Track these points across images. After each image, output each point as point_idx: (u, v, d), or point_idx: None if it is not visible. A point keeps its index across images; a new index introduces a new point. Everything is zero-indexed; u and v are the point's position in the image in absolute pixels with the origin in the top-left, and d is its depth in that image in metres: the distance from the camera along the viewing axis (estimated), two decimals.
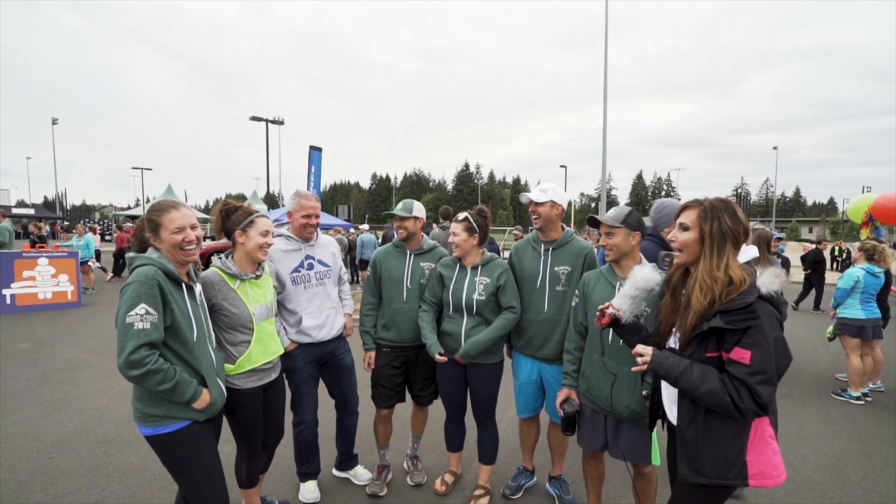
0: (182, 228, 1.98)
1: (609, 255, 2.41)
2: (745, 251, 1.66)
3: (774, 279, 1.58)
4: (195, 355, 1.97)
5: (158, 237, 1.96)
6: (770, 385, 1.51)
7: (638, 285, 1.90)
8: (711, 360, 1.61)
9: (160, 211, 1.98)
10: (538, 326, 2.83)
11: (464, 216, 2.88)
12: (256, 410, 2.46)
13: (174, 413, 1.91)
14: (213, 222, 2.48)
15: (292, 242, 2.94)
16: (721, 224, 1.64)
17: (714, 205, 1.68)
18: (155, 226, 1.96)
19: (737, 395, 1.52)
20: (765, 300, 1.56)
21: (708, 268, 1.62)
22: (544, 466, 3.41)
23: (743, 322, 1.53)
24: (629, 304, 1.92)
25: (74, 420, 4.21)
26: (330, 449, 3.48)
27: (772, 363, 1.50)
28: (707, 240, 1.65)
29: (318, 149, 11.96)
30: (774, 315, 1.56)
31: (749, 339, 1.52)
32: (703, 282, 1.61)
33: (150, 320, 1.79)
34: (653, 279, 1.90)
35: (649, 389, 2.29)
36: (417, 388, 3.18)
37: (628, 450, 2.40)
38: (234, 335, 2.34)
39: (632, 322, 1.97)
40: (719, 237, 1.64)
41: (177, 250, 1.98)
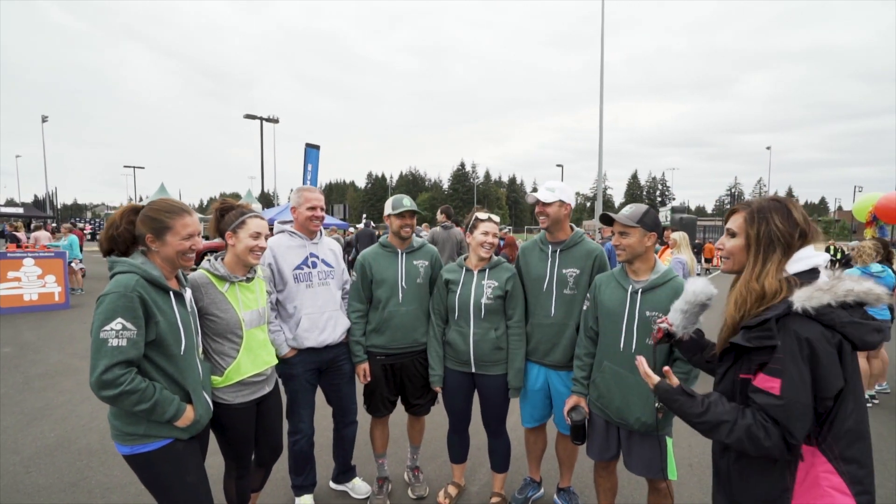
0: (192, 235, 1.83)
1: (621, 256, 2.25)
2: (808, 257, 1.40)
3: (816, 293, 1.27)
4: (181, 369, 1.80)
5: (162, 240, 1.79)
6: (806, 420, 1.27)
7: (688, 299, 1.72)
8: (745, 381, 1.39)
9: (171, 213, 1.81)
10: (544, 331, 2.68)
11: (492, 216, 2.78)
12: (247, 428, 2.28)
13: (154, 431, 1.74)
14: (210, 221, 2.32)
15: (296, 238, 2.80)
16: (770, 226, 1.41)
17: (762, 205, 1.45)
18: (162, 228, 1.78)
19: (763, 433, 1.29)
20: (810, 318, 1.27)
21: (747, 277, 1.43)
22: (551, 477, 3.25)
23: (758, 340, 1.31)
24: (681, 318, 1.74)
25: (56, 430, 4.00)
26: (326, 459, 3.30)
27: (808, 393, 1.25)
28: (753, 246, 1.44)
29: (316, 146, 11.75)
30: (821, 338, 1.26)
31: (777, 365, 1.29)
32: (740, 293, 1.42)
33: (127, 336, 1.62)
34: (704, 292, 1.69)
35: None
36: (413, 397, 3.01)
37: (642, 464, 2.27)
38: (222, 343, 2.16)
39: (690, 338, 1.78)
40: (766, 242, 1.41)
41: (179, 257, 1.82)
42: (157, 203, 1.84)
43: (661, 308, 2.14)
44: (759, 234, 1.43)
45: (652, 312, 2.16)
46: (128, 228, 1.82)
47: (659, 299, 2.18)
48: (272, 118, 25.14)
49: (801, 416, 1.26)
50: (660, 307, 2.15)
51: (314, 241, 2.84)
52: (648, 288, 2.22)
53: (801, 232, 1.41)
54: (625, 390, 2.23)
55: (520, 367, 2.71)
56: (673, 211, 17.10)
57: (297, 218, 2.83)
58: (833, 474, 1.29)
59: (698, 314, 1.75)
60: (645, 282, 2.24)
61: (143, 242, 1.80)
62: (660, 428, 2.20)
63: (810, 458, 1.31)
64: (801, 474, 1.32)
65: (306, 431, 2.83)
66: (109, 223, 1.84)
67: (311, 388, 2.84)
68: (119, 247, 1.83)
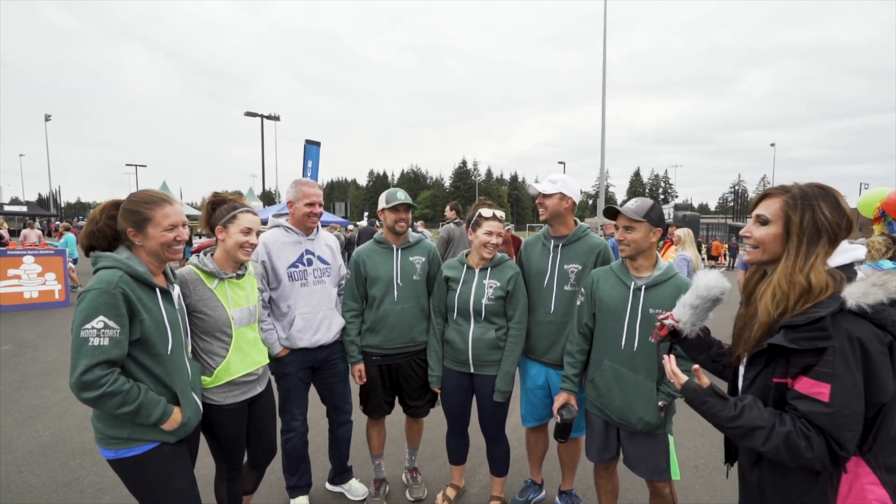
0: (175, 226, 1.75)
1: (625, 251, 2.17)
2: (848, 250, 1.34)
3: (872, 289, 1.15)
4: (168, 370, 1.73)
5: (144, 233, 1.71)
6: (857, 431, 1.15)
7: (700, 293, 1.59)
8: (780, 386, 1.26)
9: (150, 203, 1.72)
10: (543, 329, 2.61)
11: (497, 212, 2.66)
12: (238, 429, 2.21)
13: (139, 435, 1.67)
14: (201, 215, 2.24)
15: (291, 234, 2.70)
16: (816, 215, 1.26)
17: (806, 191, 1.30)
18: (142, 220, 1.71)
19: (805, 443, 1.16)
20: (864, 318, 1.16)
21: (789, 270, 1.27)
22: (553, 478, 3.18)
23: (809, 342, 1.17)
24: (689, 314, 1.62)
25: (51, 428, 3.95)
26: (322, 460, 3.24)
27: (860, 401, 1.13)
28: (795, 235, 1.28)
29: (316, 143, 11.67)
30: (875, 339, 1.14)
31: (826, 369, 1.15)
32: (779, 287, 1.27)
33: (109, 335, 1.55)
34: (718, 286, 1.58)
35: (666, 400, 2.08)
36: (410, 399, 2.93)
37: (644, 464, 2.20)
38: (210, 342, 2.09)
39: (696, 336, 1.65)
40: (812, 231, 1.26)
41: (164, 250, 1.74)
42: (136, 195, 1.76)
43: (664, 306, 2.06)
44: (803, 222, 1.27)
45: (655, 310, 2.09)
46: (108, 224, 1.74)
47: (662, 297, 2.10)
48: (273, 116, 25.09)
49: (852, 426, 1.13)
50: (663, 305, 2.07)
51: (310, 237, 2.75)
52: (651, 285, 2.14)
53: (847, 223, 1.28)
54: (626, 389, 2.16)
55: (509, 370, 2.59)
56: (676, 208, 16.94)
57: (293, 213, 2.72)
58: (877, 486, 1.17)
59: (709, 310, 1.62)
60: (648, 278, 2.16)
61: (125, 237, 1.73)
62: (661, 427, 2.14)
63: (854, 470, 1.20)
64: (845, 488, 1.20)
65: (299, 429, 2.77)
66: (90, 219, 1.76)
67: (304, 387, 2.77)
68: (101, 244, 1.75)
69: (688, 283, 2.09)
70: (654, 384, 2.12)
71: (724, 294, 1.59)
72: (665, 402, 2.09)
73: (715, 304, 1.61)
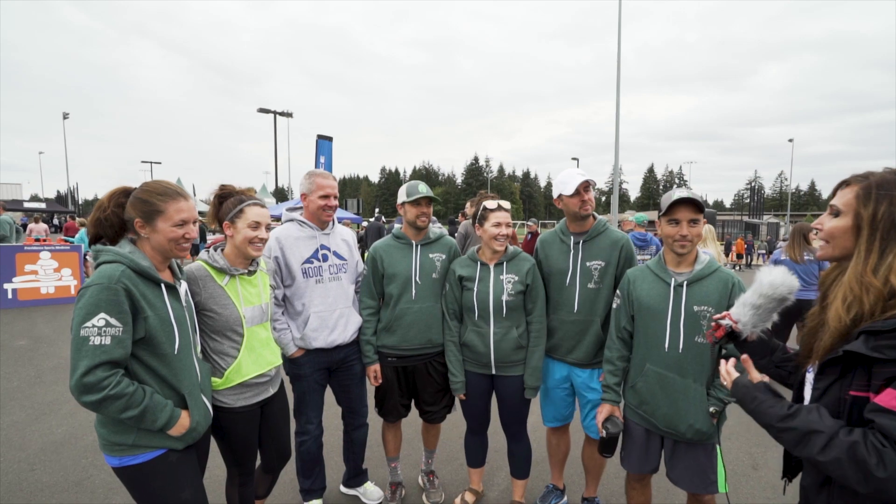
0: (187, 222, 1.66)
1: (686, 248, 1.97)
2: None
3: None
4: (175, 370, 1.63)
5: (152, 226, 1.62)
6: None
7: (763, 291, 1.44)
8: (859, 400, 1.10)
9: (164, 196, 1.63)
10: (567, 328, 2.48)
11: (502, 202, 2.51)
12: (250, 433, 2.11)
13: (145, 441, 1.57)
14: (209, 209, 2.13)
15: (306, 228, 2.58)
16: (893, 207, 1.12)
17: (886, 180, 1.14)
18: (153, 212, 1.61)
19: (876, 460, 0.99)
20: None
21: (860, 270, 1.14)
22: (576, 483, 3.05)
23: (894, 350, 1.03)
24: (751, 315, 1.47)
25: (63, 425, 3.92)
26: (337, 461, 3.15)
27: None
28: (865, 230, 1.14)
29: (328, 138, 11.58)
30: None
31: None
32: (850, 289, 1.14)
33: (112, 334, 1.45)
34: (784, 284, 1.43)
35: (719, 406, 1.92)
36: (427, 404, 2.81)
37: (689, 477, 2.04)
38: (221, 342, 1.99)
39: (758, 339, 1.51)
40: (886, 226, 1.12)
41: (172, 246, 1.65)
42: (150, 184, 1.65)
43: (709, 302, 1.91)
44: (876, 215, 1.13)
45: (700, 307, 1.93)
46: (116, 212, 1.64)
47: (707, 292, 1.95)
48: (286, 112, 25.11)
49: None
50: (708, 301, 1.92)
51: (326, 231, 2.63)
52: (694, 280, 1.98)
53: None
54: (672, 395, 2.00)
55: (537, 365, 2.51)
56: None
57: (307, 206, 2.59)
58: None
59: (774, 311, 1.47)
60: (689, 273, 2.00)
61: (133, 228, 1.63)
62: (712, 436, 1.98)
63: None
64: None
65: (314, 432, 2.67)
66: (97, 206, 1.66)
67: (319, 389, 2.67)
68: (107, 232, 1.65)
69: (733, 277, 1.95)
70: (703, 388, 1.97)
71: (793, 293, 1.44)
72: (717, 407, 1.93)
73: (780, 305, 1.46)
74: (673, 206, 1.95)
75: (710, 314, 1.91)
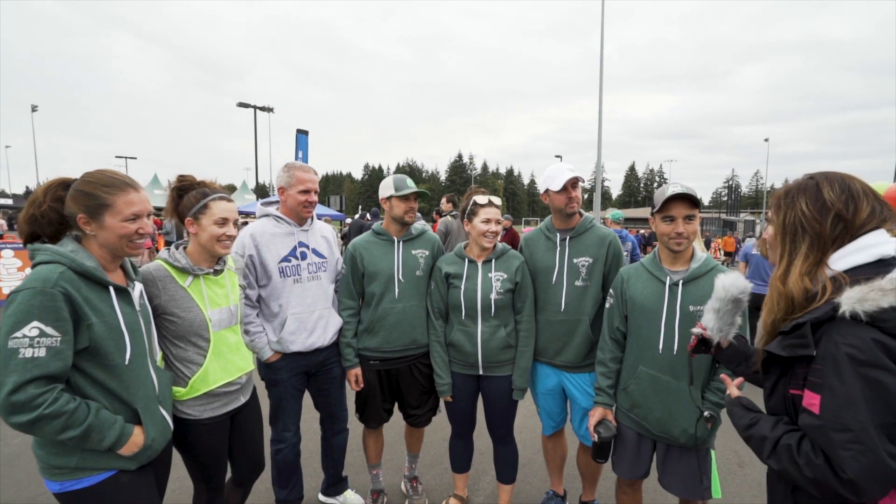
0: (140, 216, 1.49)
1: (682, 245, 1.91)
2: (872, 245, 1.08)
3: (872, 294, 1.00)
4: (126, 383, 1.47)
5: (99, 222, 1.44)
6: (861, 451, 0.97)
7: (719, 296, 1.52)
8: (796, 398, 1.13)
9: (111, 187, 1.46)
10: (554, 329, 2.40)
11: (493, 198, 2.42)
12: (219, 446, 1.96)
13: (90, 463, 1.41)
14: (167, 203, 1.95)
15: (283, 225, 2.42)
16: (795, 213, 1.16)
17: (791, 186, 1.21)
18: (99, 206, 1.44)
19: (805, 460, 1.04)
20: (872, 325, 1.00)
21: (775, 275, 1.20)
22: (575, 488, 2.96)
23: (792, 349, 1.08)
24: (714, 320, 1.53)
25: (19, 436, 3.67)
26: (315, 468, 3.01)
27: (860, 417, 0.98)
28: (778, 237, 1.21)
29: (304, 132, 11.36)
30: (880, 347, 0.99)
31: (817, 378, 1.04)
32: (770, 294, 1.20)
33: (47, 344, 1.28)
34: (735, 286, 1.51)
35: (714, 410, 1.86)
36: (411, 407, 2.69)
37: (682, 482, 1.98)
38: (185, 348, 1.83)
39: (731, 344, 1.54)
40: (792, 231, 1.17)
41: (124, 243, 1.48)
42: (93, 175, 1.47)
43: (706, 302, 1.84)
44: (785, 221, 1.19)
45: (696, 307, 1.86)
46: (54, 207, 1.46)
47: (703, 292, 1.87)
48: (267, 107, 24.57)
49: (848, 444, 0.97)
50: (704, 301, 1.84)
51: (304, 227, 2.48)
52: (690, 279, 1.91)
53: (836, 215, 1.11)
54: (666, 399, 1.93)
55: (526, 366, 2.43)
56: None
57: (285, 201, 2.43)
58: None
59: (733, 313, 1.52)
60: (685, 272, 1.93)
61: (75, 225, 1.45)
62: (706, 440, 1.93)
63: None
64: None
65: (291, 440, 2.53)
66: (31, 201, 1.48)
67: (297, 395, 2.52)
68: (45, 230, 1.47)
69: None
70: (699, 392, 1.90)
71: (745, 294, 1.51)
72: (712, 412, 1.87)
73: (738, 307, 1.52)
74: (667, 203, 1.88)
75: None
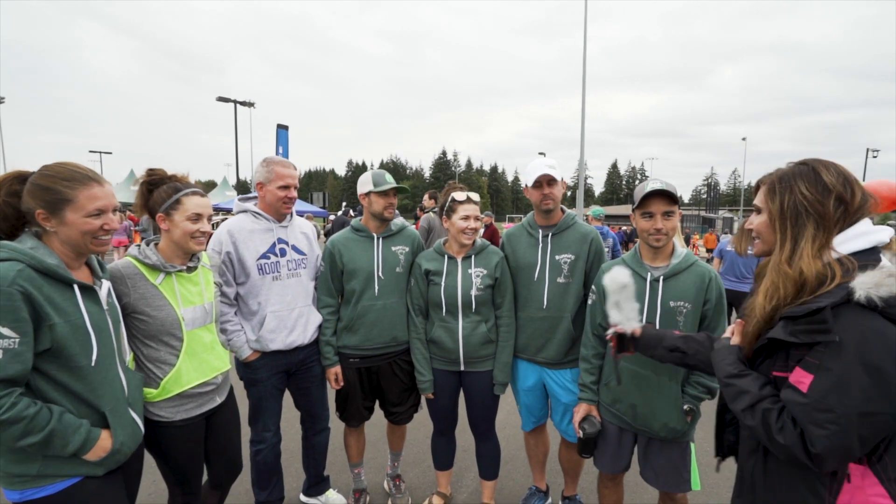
0: (104, 211, 1.42)
1: (661, 241, 1.91)
2: (867, 232, 1.12)
3: (887, 279, 1.02)
4: (92, 385, 1.41)
5: (59, 217, 1.37)
6: (835, 432, 1.01)
7: (611, 290, 1.69)
8: (780, 380, 1.16)
9: (72, 181, 1.38)
10: (536, 325, 2.41)
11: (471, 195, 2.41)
12: (194, 448, 1.90)
13: (53, 470, 1.34)
14: (136, 197, 1.87)
15: (261, 221, 2.36)
16: (794, 197, 1.17)
17: (785, 172, 1.22)
18: (59, 201, 1.37)
19: (779, 426, 1.08)
20: (875, 311, 1.02)
21: (777, 260, 1.19)
22: (558, 483, 2.97)
23: (807, 335, 1.06)
24: (618, 314, 1.68)
25: None
26: (297, 468, 2.97)
27: (847, 402, 1.01)
28: (777, 222, 1.20)
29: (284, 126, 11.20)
30: (885, 335, 1.01)
31: (814, 359, 1.06)
32: (771, 279, 1.19)
33: (5, 346, 1.22)
34: (618, 274, 1.70)
35: (693, 404, 1.87)
36: (392, 404, 2.67)
37: (662, 475, 2.00)
38: (157, 348, 1.77)
39: (644, 330, 1.66)
40: (792, 215, 1.17)
41: (88, 240, 1.41)
42: (52, 168, 1.40)
43: (686, 297, 1.87)
44: (784, 206, 1.19)
45: (676, 302, 1.88)
46: (10, 202, 1.39)
47: (684, 287, 1.89)
48: (247, 102, 24.09)
49: (826, 425, 1.01)
50: (685, 296, 1.87)
51: (283, 223, 2.42)
52: (670, 275, 1.92)
53: (837, 198, 1.14)
54: (647, 393, 1.94)
55: (507, 360, 2.44)
56: None
57: (263, 197, 2.37)
58: (886, 498, 1.06)
59: (629, 299, 1.67)
60: (665, 268, 1.94)
61: (34, 221, 1.38)
62: (686, 433, 1.95)
63: (859, 481, 1.08)
64: (846, 497, 1.10)
65: (271, 440, 2.49)
66: None
67: (277, 394, 2.48)
68: (0, 227, 1.40)
69: (710, 272, 1.91)
70: (678, 386, 1.92)
71: (628, 278, 1.69)
72: (692, 405, 1.89)
73: (629, 292, 1.67)
74: (646, 199, 1.89)
75: (686, 309, 1.87)
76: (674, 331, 1.66)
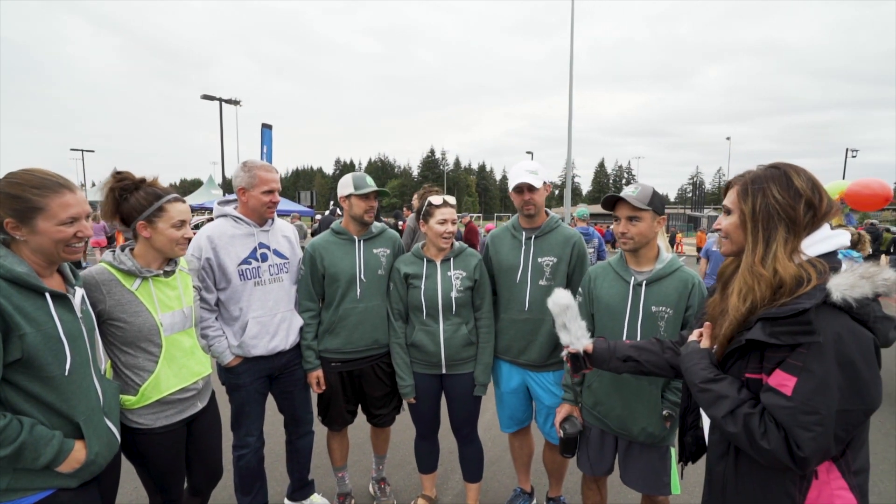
0: (77, 219, 1.39)
1: (627, 245, 1.94)
2: (829, 237, 1.16)
3: (860, 281, 1.04)
4: (65, 395, 1.37)
5: (30, 226, 1.33)
6: (820, 433, 1.03)
7: (556, 312, 1.72)
8: (753, 382, 1.17)
9: (43, 189, 1.34)
10: (518, 328, 2.42)
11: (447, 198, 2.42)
12: (175, 455, 1.87)
13: (24, 483, 1.31)
14: (104, 204, 1.79)
15: (242, 225, 2.32)
16: (766, 199, 1.18)
17: (758, 174, 1.23)
18: (29, 209, 1.33)
19: (762, 431, 1.08)
20: (844, 311, 1.05)
21: (750, 261, 1.19)
22: (543, 484, 2.99)
23: (791, 336, 1.07)
24: (568, 334, 1.71)
25: None
26: (281, 472, 2.94)
27: (829, 402, 1.03)
28: (749, 223, 1.21)
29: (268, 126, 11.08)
30: (857, 335, 1.05)
31: (797, 361, 1.06)
32: (744, 281, 1.19)
33: None
34: (560, 297, 1.73)
35: (672, 410, 1.90)
36: (375, 407, 2.66)
37: (642, 479, 2.02)
38: (135, 355, 1.73)
39: (597, 347, 1.69)
40: (764, 218, 1.18)
41: (60, 248, 1.38)
42: (20, 175, 1.36)
43: (668, 302, 1.88)
44: (756, 208, 1.20)
45: (658, 307, 1.90)
46: None
47: (666, 292, 1.91)
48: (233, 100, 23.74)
49: (813, 426, 1.03)
50: (667, 301, 1.88)
51: (265, 228, 2.39)
52: (653, 279, 1.94)
53: (807, 203, 1.17)
54: (627, 397, 1.97)
55: (488, 361, 2.46)
56: None
57: (246, 202, 2.32)
58: (846, 491, 1.12)
59: (574, 318, 1.71)
60: (649, 272, 1.96)
61: (2, 229, 1.34)
62: (665, 438, 1.97)
63: (825, 476, 1.13)
64: (813, 494, 1.13)
65: (254, 445, 2.46)
66: None
67: (260, 399, 2.45)
68: None
69: (694, 278, 1.92)
70: (658, 391, 1.94)
71: (569, 299, 1.72)
72: (671, 411, 1.91)
73: (573, 311, 1.71)
74: (610, 205, 1.95)
75: (668, 315, 1.89)
76: (625, 340, 1.73)
